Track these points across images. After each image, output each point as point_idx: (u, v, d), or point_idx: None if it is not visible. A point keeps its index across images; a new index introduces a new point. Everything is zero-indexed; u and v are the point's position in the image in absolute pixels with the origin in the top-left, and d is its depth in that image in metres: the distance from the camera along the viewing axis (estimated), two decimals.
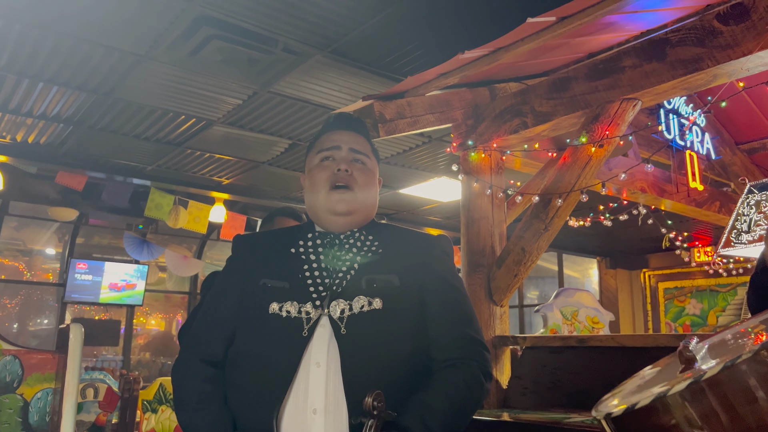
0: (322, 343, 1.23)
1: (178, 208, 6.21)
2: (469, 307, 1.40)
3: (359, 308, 1.25)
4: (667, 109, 4.10)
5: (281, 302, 1.27)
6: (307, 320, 1.24)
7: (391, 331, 1.26)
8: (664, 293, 9.31)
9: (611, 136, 2.89)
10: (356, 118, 1.52)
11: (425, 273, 1.35)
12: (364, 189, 1.39)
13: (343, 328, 1.23)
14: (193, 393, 1.26)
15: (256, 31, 3.21)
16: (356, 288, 1.28)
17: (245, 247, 1.44)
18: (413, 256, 1.37)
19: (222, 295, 1.38)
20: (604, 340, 2.78)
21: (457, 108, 3.61)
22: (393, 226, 1.50)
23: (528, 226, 3.09)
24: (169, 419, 4.23)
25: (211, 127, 4.66)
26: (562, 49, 3.17)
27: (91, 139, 4.92)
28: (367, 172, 1.42)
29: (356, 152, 1.42)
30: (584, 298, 5.73)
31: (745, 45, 2.48)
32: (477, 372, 1.28)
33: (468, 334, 1.34)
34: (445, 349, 1.30)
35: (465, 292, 1.42)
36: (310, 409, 1.18)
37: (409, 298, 1.31)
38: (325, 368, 1.21)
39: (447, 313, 1.34)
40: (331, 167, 1.39)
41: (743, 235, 2.97)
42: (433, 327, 1.31)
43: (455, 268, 1.45)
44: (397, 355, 1.24)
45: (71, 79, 3.82)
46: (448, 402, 1.21)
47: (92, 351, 7.96)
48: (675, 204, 4.32)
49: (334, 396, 1.19)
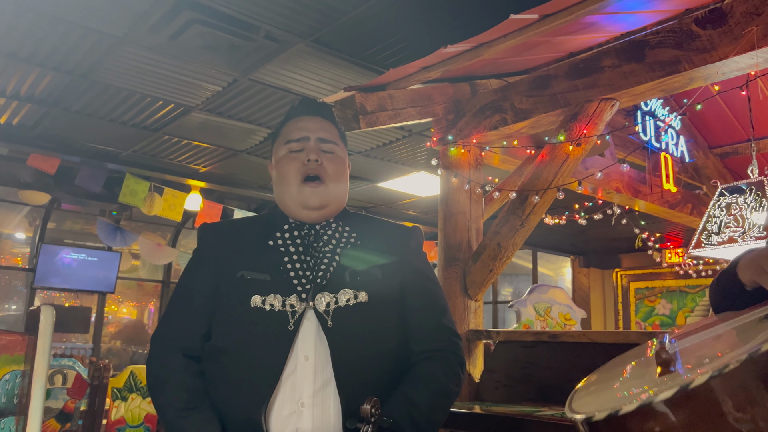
0: (308, 337, 1.21)
1: (153, 195, 6.13)
2: (443, 297, 1.42)
3: (345, 301, 1.24)
4: (644, 111, 4.17)
5: (264, 295, 1.23)
6: (293, 314, 1.22)
7: (378, 324, 1.25)
8: (635, 293, 9.47)
9: (589, 135, 2.93)
10: (322, 103, 1.47)
11: (403, 265, 1.35)
12: (336, 179, 1.37)
13: (330, 321, 1.21)
14: (181, 390, 1.21)
15: (238, 17, 3.18)
16: (341, 280, 1.27)
17: (214, 236, 1.39)
18: (391, 247, 1.37)
19: (194, 288, 1.33)
20: (575, 336, 2.82)
21: (438, 102, 3.62)
22: (366, 216, 1.49)
23: (504, 221, 3.11)
24: (139, 407, 4.19)
25: (189, 113, 4.60)
26: (543, 47, 3.20)
27: (66, 122, 4.83)
28: (338, 161, 1.39)
29: (325, 141, 1.38)
30: (557, 295, 5.80)
31: (722, 49, 2.52)
32: (454, 363, 1.31)
33: (443, 325, 1.35)
34: (423, 340, 1.32)
35: (438, 283, 1.44)
36: (298, 402, 1.17)
37: (391, 290, 1.31)
38: (314, 362, 1.19)
39: (424, 305, 1.35)
40: (300, 158, 1.35)
41: (713, 236, 3.03)
42: (411, 318, 1.32)
43: (428, 260, 1.47)
44: (384, 347, 1.25)
45: (47, 59, 3.74)
46: (432, 397, 1.23)
47: (62, 338, 7.83)
48: (648, 205, 4.40)
49: (322, 389, 1.18)
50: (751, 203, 2.94)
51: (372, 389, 1.18)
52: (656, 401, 0.64)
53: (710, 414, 0.63)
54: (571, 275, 9.93)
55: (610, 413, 0.68)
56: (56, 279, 7.04)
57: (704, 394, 0.62)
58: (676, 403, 0.63)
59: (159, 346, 1.29)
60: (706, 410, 0.63)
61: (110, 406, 4.10)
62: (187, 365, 1.24)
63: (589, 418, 0.70)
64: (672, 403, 0.64)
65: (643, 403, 0.65)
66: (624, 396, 0.74)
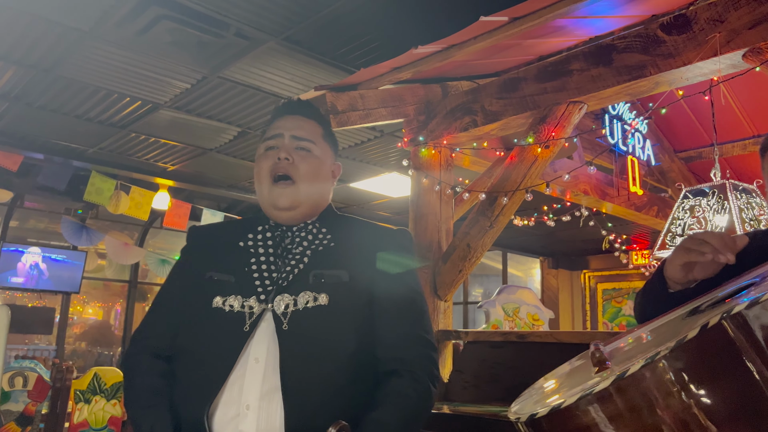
0: (262, 339, 1.19)
1: (119, 193, 6.01)
2: (420, 304, 1.33)
3: (304, 304, 1.21)
4: (612, 114, 4.24)
5: (225, 296, 1.23)
6: (250, 315, 1.21)
7: (335, 328, 1.21)
8: (603, 294, 9.62)
9: (557, 137, 2.96)
10: (304, 102, 1.44)
11: (377, 268, 1.30)
12: (308, 179, 1.33)
13: (285, 324, 1.19)
14: (143, 390, 1.22)
15: (207, 14, 3.14)
16: (303, 283, 1.24)
17: (197, 237, 1.40)
18: (366, 249, 1.31)
19: (170, 288, 1.35)
20: (543, 336, 2.85)
21: (410, 103, 3.63)
22: (350, 217, 1.44)
23: (474, 222, 3.13)
24: (102, 410, 4.10)
25: (157, 110, 4.53)
26: (513, 50, 3.23)
27: (29, 118, 4.70)
28: (312, 159, 1.35)
29: (299, 139, 1.35)
30: (526, 296, 5.86)
31: (686, 55, 2.58)
32: (424, 379, 1.23)
33: (415, 333, 1.28)
34: (389, 347, 1.25)
35: (417, 289, 1.35)
36: (243, 404, 1.15)
37: (358, 294, 1.26)
38: (264, 364, 1.17)
39: (394, 310, 1.28)
40: (272, 157, 1.33)
41: (678, 238, 3.09)
42: (379, 324, 1.26)
43: (412, 264, 1.39)
44: (339, 353, 1.20)
45: (9, 53, 3.64)
46: (401, 417, 1.18)
47: (24, 339, 7.64)
48: (616, 207, 4.47)
49: (269, 392, 1.16)
50: (714, 206, 3.01)
51: (320, 395, 1.15)
52: (596, 391, 0.67)
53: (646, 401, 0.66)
54: (540, 276, 10.05)
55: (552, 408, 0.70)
56: (18, 279, 6.87)
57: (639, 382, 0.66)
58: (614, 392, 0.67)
59: (132, 345, 1.32)
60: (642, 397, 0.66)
61: (72, 408, 4.01)
62: (152, 365, 1.25)
63: (533, 415, 0.72)
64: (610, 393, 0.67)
65: (583, 395, 0.68)
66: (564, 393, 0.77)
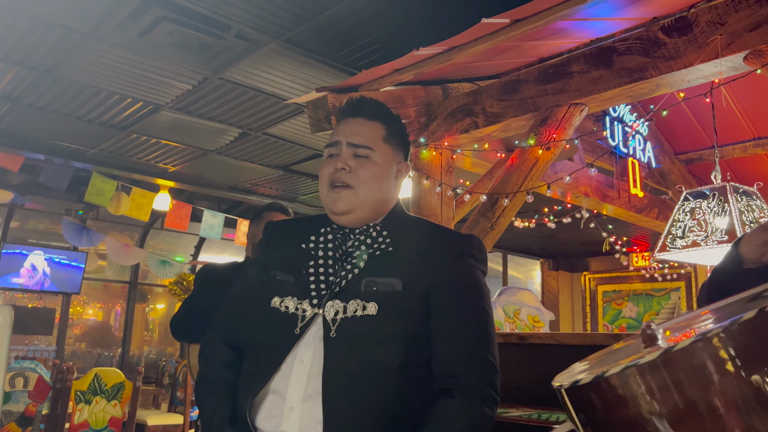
0: (310, 343, 1.20)
1: (120, 194, 6.01)
2: (485, 323, 1.25)
3: (353, 312, 1.20)
4: (613, 116, 4.24)
5: (283, 297, 1.26)
6: (302, 318, 1.22)
7: (381, 339, 1.18)
8: (603, 296, 9.62)
9: (558, 139, 2.97)
10: (367, 101, 1.38)
11: (435, 276, 1.23)
12: (367, 184, 1.30)
13: (333, 331, 1.18)
14: (212, 376, 1.30)
15: (208, 15, 3.14)
16: (354, 290, 1.22)
17: (273, 234, 1.44)
18: (426, 256, 1.26)
19: (245, 282, 1.40)
20: (543, 338, 2.85)
21: (411, 105, 3.63)
22: (417, 219, 1.41)
23: (475, 224, 3.13)
24: (103, 410, 4.10)
25: (158, 112, 4.53)
26: (514, 52, 3.23)
27: (30, 119, 4.71)
28: (371, 165, 1.31)
29: (356, 146, 1.32)
30: (526, 298, 5.85)
31: (687, 57, 2.58)
32: (478, 403, 1.16)
33: (475, 353, 1.21)
34: (444, 364, 1.20)
35: (484, 306, 1.26)
36: (288, 405, 1.17)
37: (411, 303, 1.21)
38: (308, 368, 1.18)
39: (455, 325, 1.21)
40: (332, 164, 1.32)
41: (678, 240, 3.09)
42: (436, 337, 1.21)
43: (480, 273, 1.30)
44: (383, 365, 1.17)
45: (10, 54, 3.65)
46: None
47: (24, 340, 7.64)
48: (616, 209, 4.48)
49: (311, 396, 1.17)
50: (714, 208, 3.01)
51: (360, 405, 1.14)
52: (641, 363, 0.66)
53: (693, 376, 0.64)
54: (540, 278, 10.05)
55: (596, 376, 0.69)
56: (19, 279, 6.87)
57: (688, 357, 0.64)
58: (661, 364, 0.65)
59: (209, 334, 1.38)
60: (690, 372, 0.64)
61: (73, 409, 4.01)
62: (225, 355, 1.32)
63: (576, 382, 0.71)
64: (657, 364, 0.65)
65: (629, 364, 0.66)
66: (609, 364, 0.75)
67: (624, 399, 0.67)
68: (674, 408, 0.65)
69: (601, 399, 0.69)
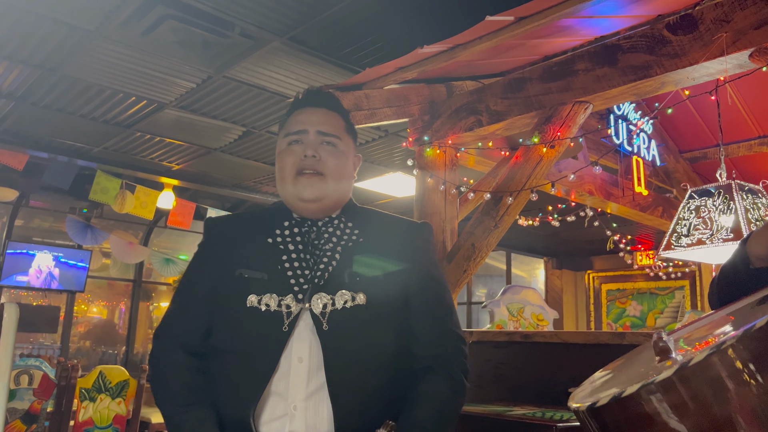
0: (303, 339, 1.19)
1: (124, 192, 6.02)
2: (450, 299, 1.35)
3: (342, 303, 1.20)
4: (617, 114, 4.22)
5: (260, 295, 1.21)
6: (288, 314, 1.19)
7: (375, 327, 1.22)
8: (607, 294, 9.60)
9: (562, 137, 2.96)
10: (326, 93, 1.41)
11: (407, 262, 1.29)
12: (336, 174, 1.32)
13: (325, 324, 1.18)
14: (181, 387, 1.20)
15: (212, 13, 3.14)
16: (339, 281, 1.23)
17: (218, 230, 1.36)
18: (396, 245, 1.31)
19: (196, 284, 1.31)
20: (547, 336, 2.84)
21: (415, 103, 3.63)
22: (373, 210, 1.43)
23: (479, 222, 3.13)
24: (107, 408, 4.11)
25: (162, 110, 4.54)
26: (518, 50, 3.22)
27: (34, 117, 4.72)
28: (338, 154, 1.33)
29: (325, 134, 1.33)
30: (530, 296, 5.84)
31: (692, 55, 2.57)
32: (458, 373, 1.25)
33: (449, 329, 1.30)
34: (426, 345, 1.26)
35: (445, 284, 1.37)
36: (291, 404, 1.16)
37: (393, 291, 1.26)
38: (308, 364, 1.17)
39: (429, 307, 1.29)
40: (297, 152, 1.31)
41: (683, 238, 3.08)
42: (415, 322, 1.27)
43: (436, 258, 1.40)
44: (381, 352, 1.21)
45: (15, 52, 3.65)
46: (440, 415, 1.19)
47: (29, 338, 7.66)
48: (620, 207, 4.46)
49: (315, 393, 1.16)
50: (719, 206, 3.00)
51: (366, 394, 1.16)
52: (658, 381, 0.65)
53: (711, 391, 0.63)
54: (544, 276, 10.03)
55: (613, 397, 0.68)
56: (24, 277, 6.89)
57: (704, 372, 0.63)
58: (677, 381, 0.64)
59: (160, 342, 1.28)
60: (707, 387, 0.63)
61: (78, 406, 4.02)
62: (187, 361, 1.23)
63: (593, 404, 0.70)
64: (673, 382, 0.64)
65: (644, 384, 0.65)
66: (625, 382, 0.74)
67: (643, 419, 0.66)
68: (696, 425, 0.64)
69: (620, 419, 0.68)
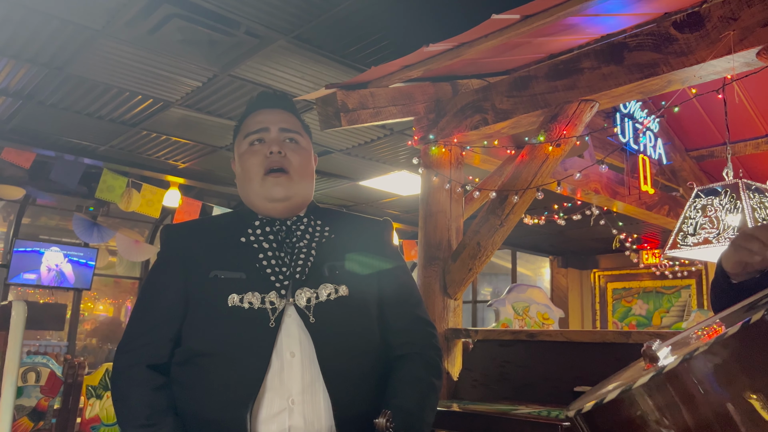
0: (292, 333, 1.20)
1: (131, 190, 6.04)
2: (417, 288, 1.44)
3: (326, 296, 1.23)
4: (623, 113, 4.21)
5: (241, 294, 1.20)
6: (273, 311, 1.19)
7: (360, 317, 1.26)
8: (613, 293, 9.57)
9: (568, 136, 2.95)
10: (281, 94, 1.44)
11: (377, 256, 1.36)
12: (301, 170, 1.34)
13: (312, 317, 1.20)
14: (142, 406, 1.16)
15: (218, 12, 3.15)
16: (320, 275, 1.25)
17: (179, 237, 1.34)
18: (366, 240, 1.37)
19: (161, 292, 1.27)
20: (553, 335, 2.84)
21: (420, 101, 3.62)
22: (335, 210, 1.47)
23: (484, 221, 3.12)
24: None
25: (168, 108, 4.55)
26: (524, 48, 3.22)
27: (41, 115, 4.74)
28: (302, 151, 1.36)
29: (287, 131, 1.35)
30: (536, 295, 5.84)
31: (699, 53, 2.56)
32: (433, 357, 1.32)
33: (419, 316, 1.36)
34: (400, 333, 1.32)
35: (410, 275, 1.44)
36: (288, 399, 1.16)
37: (370, 283, 1.31)
38: (300, 357, 1.18)
39: (399, 297, 1.35)
40: (262, 151, 1.32)
41: (689, 237, 3.07)
42: (388, 311, 1.32)
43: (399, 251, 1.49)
44: (368, 341, 1.25)
45: (21, 51, 3.67)
46: (422, 400, 1.24)
47: (36, 335, 7.70)
48: (626, 206, 4.45)
49: (310, 385, 1.17)
50: (726, 205, 2.98)
51: (359, 384, 1.20)
52: (635, 387, 0.69)
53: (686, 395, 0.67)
54: (549, 275, 10.01)
55: (596, 402, 0.73)
56: (30, 275, 6.93)
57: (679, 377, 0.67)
58: (654, 387, 0.68)
59: (122, 358, 1.24)
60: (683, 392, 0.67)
61: (85, 404, 4.04)
62: (149, 379, 1.19)
63: (580, 410, 0.75)
64: (650, 387, 0.68)
65: (623, 389, 0.70)
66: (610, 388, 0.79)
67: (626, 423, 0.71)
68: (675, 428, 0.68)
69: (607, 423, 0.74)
